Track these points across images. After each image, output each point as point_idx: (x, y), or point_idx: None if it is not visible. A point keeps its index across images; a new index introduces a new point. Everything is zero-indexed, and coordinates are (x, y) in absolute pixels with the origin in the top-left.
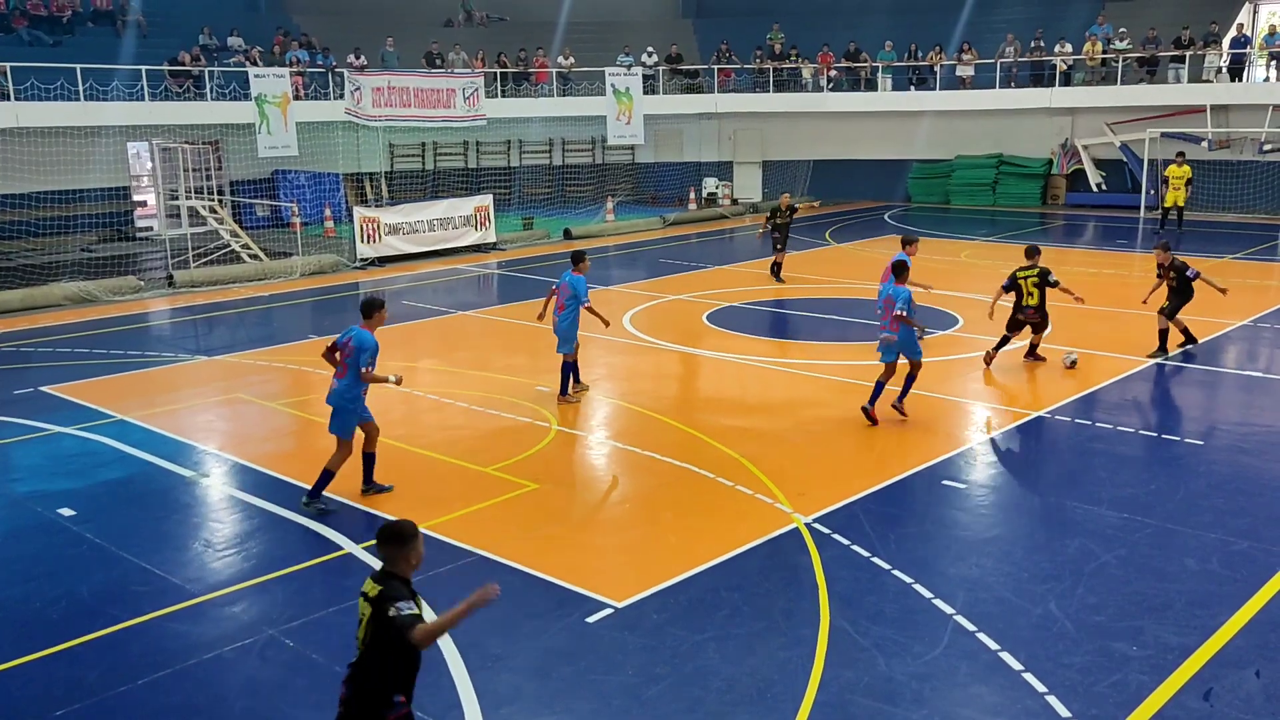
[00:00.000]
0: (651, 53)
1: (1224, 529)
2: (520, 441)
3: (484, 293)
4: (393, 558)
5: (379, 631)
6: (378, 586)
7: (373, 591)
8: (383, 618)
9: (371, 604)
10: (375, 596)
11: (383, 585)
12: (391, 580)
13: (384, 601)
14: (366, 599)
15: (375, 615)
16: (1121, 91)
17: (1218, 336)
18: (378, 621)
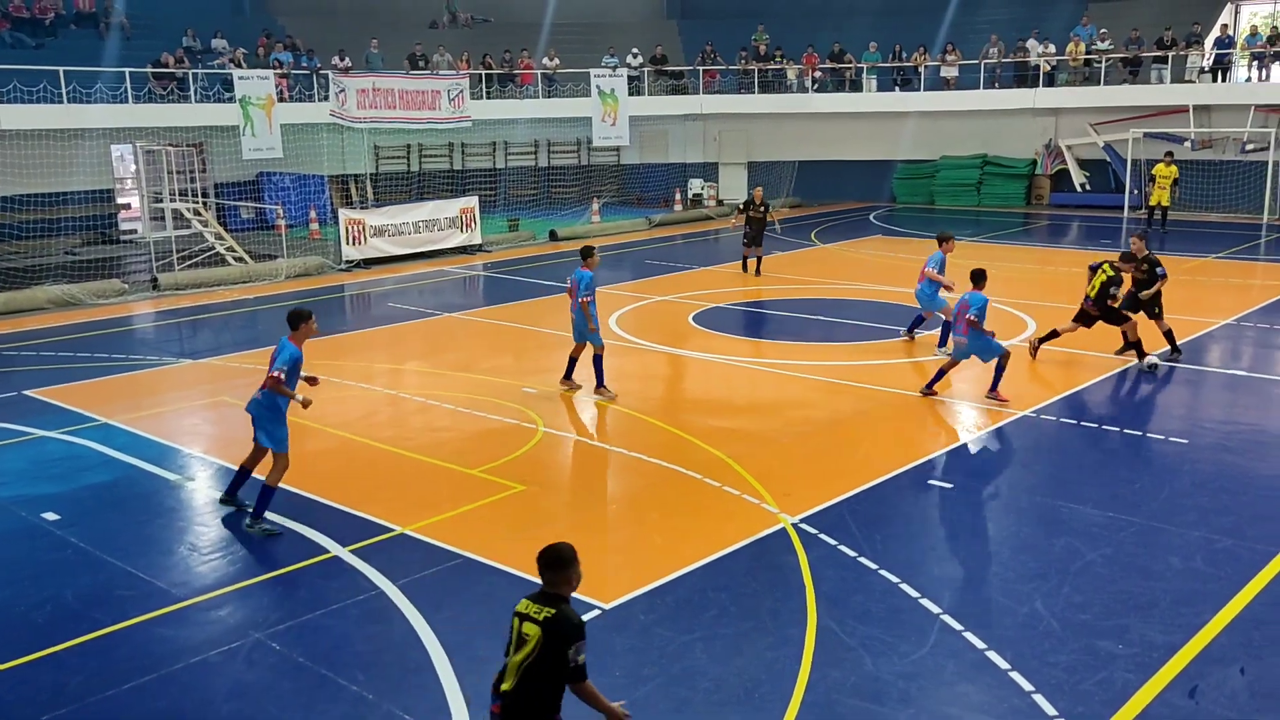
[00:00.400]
0: (636, 54)
1: (1208, 527)
2: (507, 443)
3: (470, 294)
4: (555, 581)
5: (551, 663)
6: (546, 610)
7: (540, 615)
8: (562, 654)
9: (546, 632)
10: (554, 629)
11: (558, 613)
12: (562, 605)
13: (568, 639)
14: (534, 622)
15: (551, 648)
16: (1105, 92)
17: (1201, 335)
18: (553, 654)
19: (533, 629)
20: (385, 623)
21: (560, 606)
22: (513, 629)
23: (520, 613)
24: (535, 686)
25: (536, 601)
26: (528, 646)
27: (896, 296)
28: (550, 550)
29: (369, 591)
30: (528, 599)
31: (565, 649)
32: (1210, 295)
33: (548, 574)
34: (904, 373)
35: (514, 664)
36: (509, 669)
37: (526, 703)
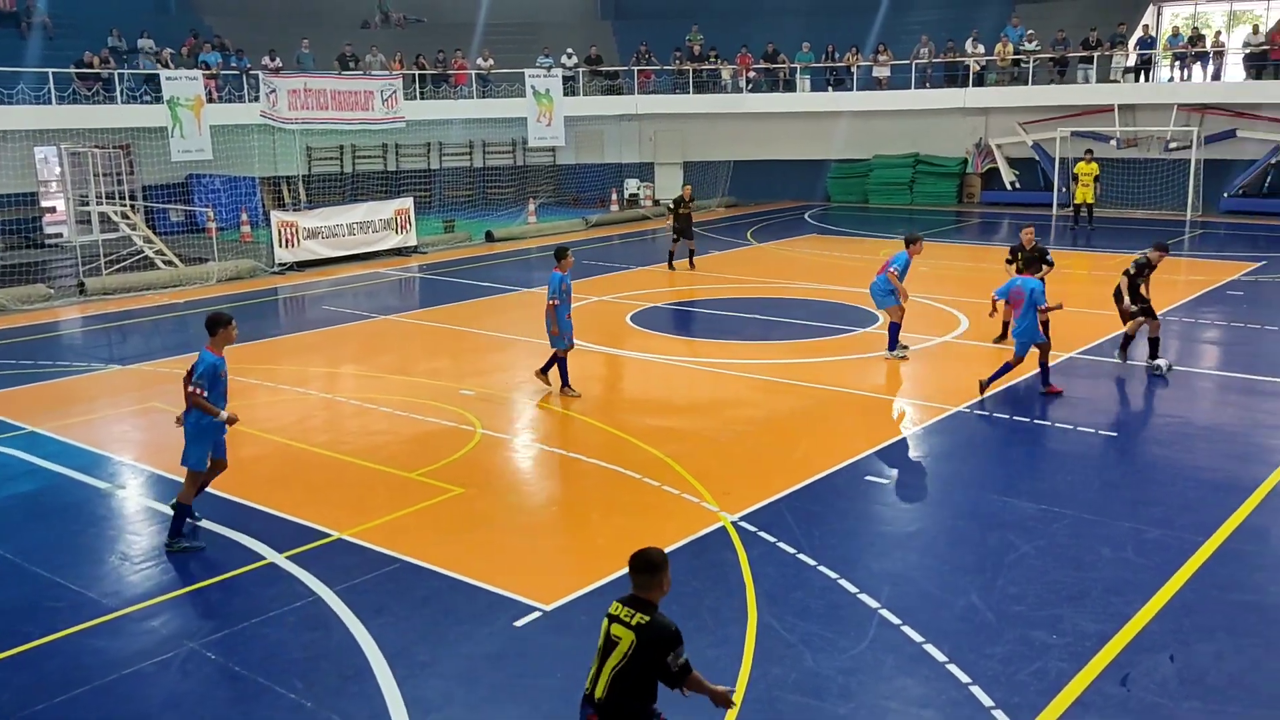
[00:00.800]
0: (571, 54)
1: (1137, 518)
2: (445, 446)
3: (405, 297)
4: (646, 585)
5: (643, 669)
6: (640, 616)
7: (633, 621)
8: (659, 660)
9: (640, 640)
10: (648, 637)
11: (652, 621)
12: (655, 612)
13: (664, 648)
14: (626, 626)
15: (645, 656)
16: (1032, 92)
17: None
18: (647, 661)
19: (624, 633)
20: (323, 629)
21: (653, 614)
22: (602, 630)
23: (612, 615)
24: (626, 689)
25: (628, 605)
26: (618, 650)
27: (833, 295)
28: (642, 555)
29: (306, 598)
30: (620, 601)
31: (663, 658)
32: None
33: (639, 578)
34: (841, 370)
35: (606, 668)
36: (602, 673)
37: (619, 705)
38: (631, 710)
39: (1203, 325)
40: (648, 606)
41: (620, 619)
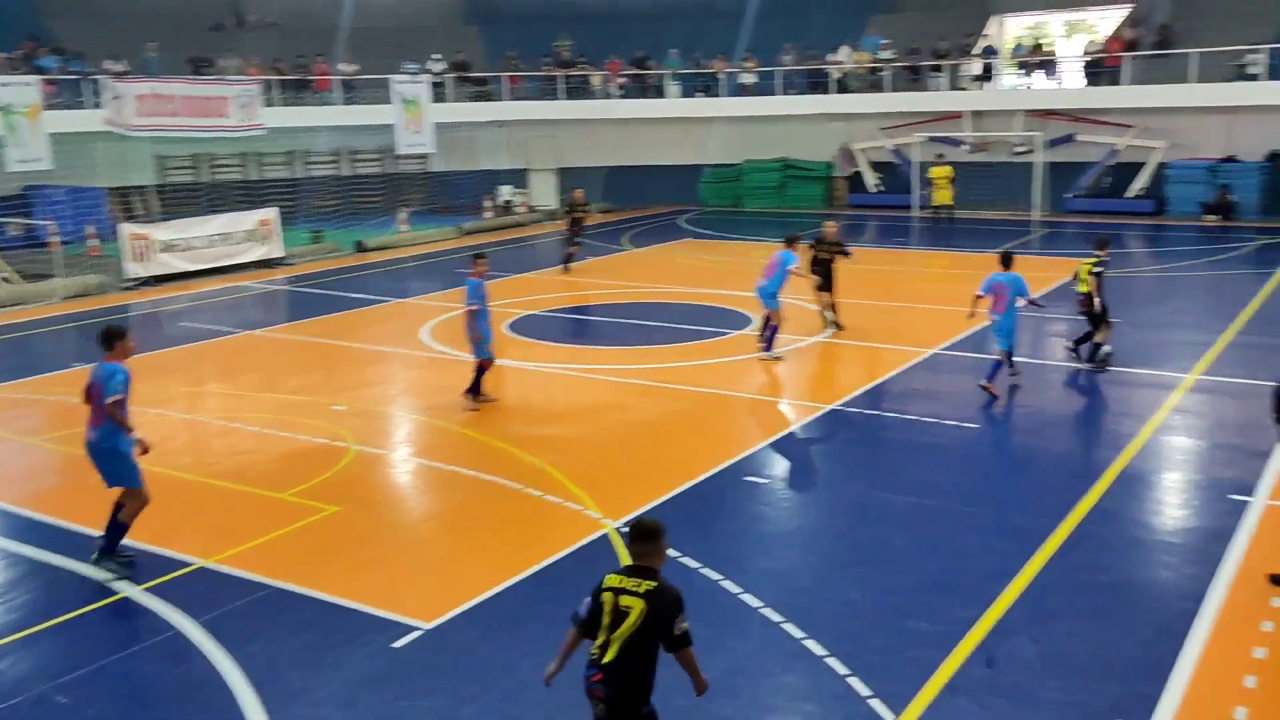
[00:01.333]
0: (438, 59)
1: (999, 506)
2: (317, 464)
3: (272, 310)
4: (649, 553)
5: (652, 633)
6: (646, 584)
7: (641, 589)
8: (666, 624)
9: (649, 605)
10: (657, 601)
11: (659, 586)
12: (658, 576)
13: (671, 610)
14: (635, 595)
15: (654, 619)
16: (890, 98)
17: (985, 326)
18: (656, 624)
19: (635, 602)
20: (186, 663)
21: (659, 580)
22: (605, 604)
23: (614, 588)
24: (637, 655)
25: (631, 576)
26: (630, 618)
27: (709, 298)
28: (641, 524)
29: (166, 632)
30: (617, 574)
31: (670, 619)
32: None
33: (638, 546)
34: (720, 372)
35: (617, 637)
36: (611, 642)
37: (629, 671)
38: (638, 672)
39: (1053, 319)
40: (651, 573)
41: (627, 590)
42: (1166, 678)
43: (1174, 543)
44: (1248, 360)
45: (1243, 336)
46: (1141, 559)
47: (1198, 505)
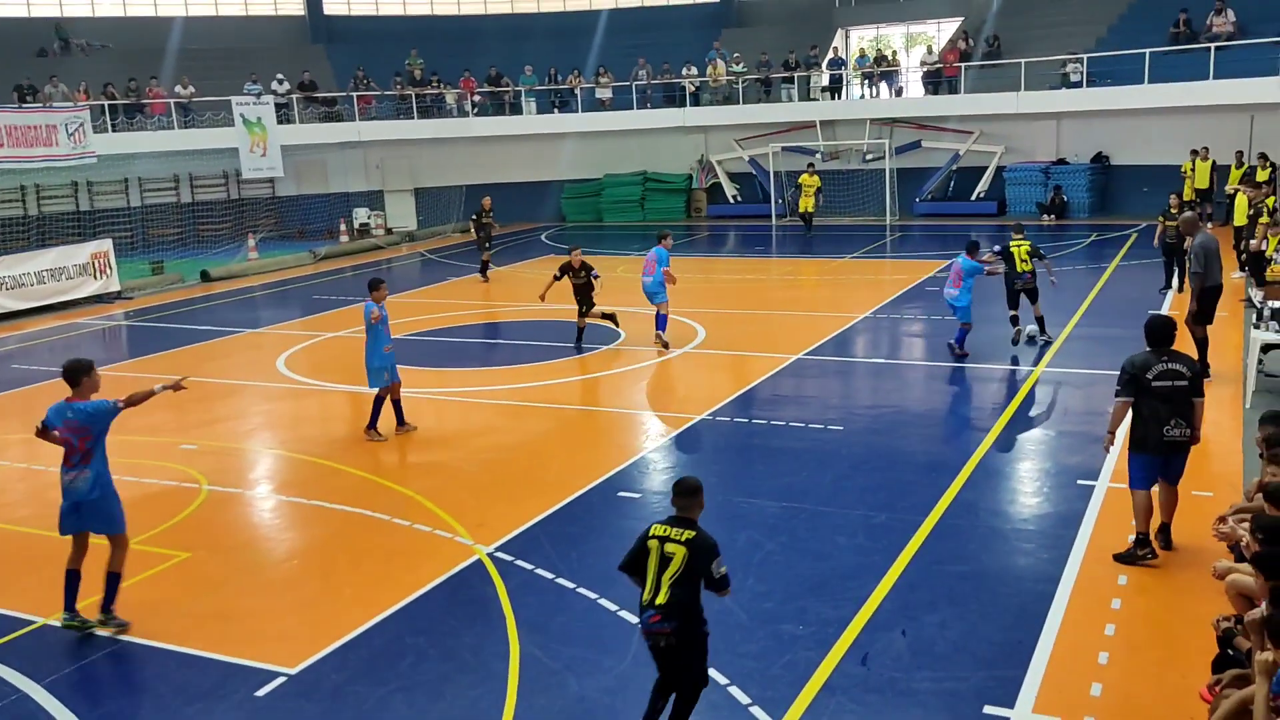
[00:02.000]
0: (282, 80)
1: (866, 505)
2: (166, 507)
3: (111, 347)
4: (688, 506)
5: (698, 571)
6: (687, 533)
7: (682, 538)
8: (705, 568)
9: (690, 551)
10: (697, 548)
11: (698, 535)
12: (696, 527)
13: (709, 556)
14: (677, 543)
15: (695, 563)
16: (743, 110)
17: (845, 330)
18: (697, 568)
19: (677, 548)
20: None
21: (698, 529)
22: (652, 550)
23: (659, 536)
24: (684, 593)
25: (674, 526)
26: (674, 563)
27: (574, 315)
28: (682, 481)
29: (10, 696)
30: (661, 524)
31: (709, 564)
32: (849, 292)
33: (681, 500)
34: (588, 389)
35: (665, 579)
36: (661, 584)
37: (681, 607)
38: (689, 606)
39: (907, 320)
40: (691, 524)
41: (670, 538)
42: (1028, 660)
43: (1029, 529)
44: (1087, 351)
45: (1081, 329)
46: (1000, 547)
47: (1049, 492)
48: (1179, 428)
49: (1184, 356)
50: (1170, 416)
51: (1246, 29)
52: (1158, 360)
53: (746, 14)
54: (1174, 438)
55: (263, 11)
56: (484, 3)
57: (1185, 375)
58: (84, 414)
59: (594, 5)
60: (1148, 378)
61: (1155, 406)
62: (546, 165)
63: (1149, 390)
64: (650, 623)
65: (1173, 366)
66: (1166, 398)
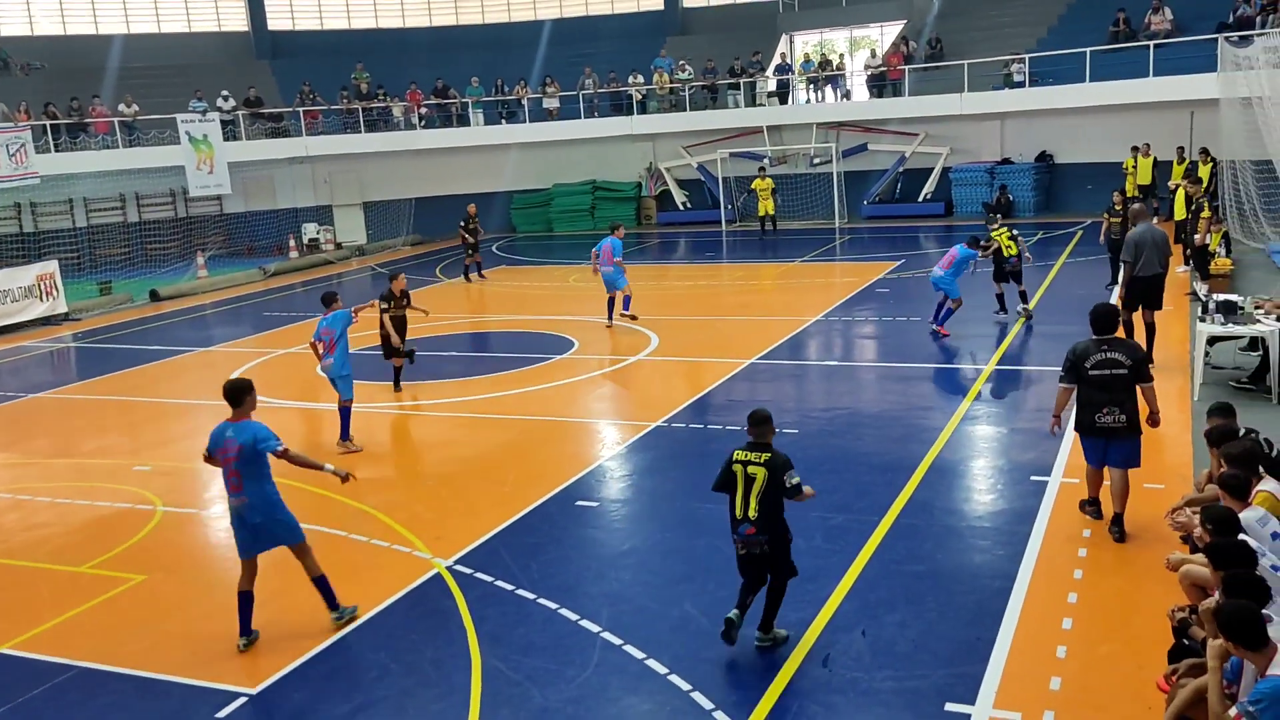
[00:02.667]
0: (228, 96)
1: (822, 507)
2: (120, 531)
3: (60, 370)
4: (763, 432)
5: (775, 488)
6: (764, 455)
7: (761, 459)
8: (782, 480)
9: (769, 470)
10: (774, 466)
11: (773, 455)
12: (771, 449)
13: (783, 470)
14: (758, 465)
15: (774, 479)
16: (691, 117)
17: (799, 333)
18: (776, 483)
19: (759, 469)
20: None
21: (771, 450)
22: (738, 474)
23: (741, 461)
24: (770, 504)
25: (752, 450)
26: (758, 482)
27: (528, 325)
28: (755, 412)
29: None
30: (742, 449)
31: (783, 477)
32: (800, 296)
33: (756, 429)
34: (545, 398)
35: (753, 496)
36: (750, 501)
37: (769, 517)
38: (775, 517)
39: (859, 322)
40: (766, 447)
41: (752, 461)
42: (988, 656)
43: (985, 526)
44: (1037, 348)
45: (1030, 325)
46: (957, 545)
47: (1003, 489)
48: (1112, 414)
49: (1126, 344)
50: (1105, 404)
51: (1184, 27)
52: (1097, 350)
53: (690, 21)
54: (1107, 424)
55: (206, 28)
56: (429, 15)
57: (1124, 364)
58: (253, 433)
59: (538, 15)
60: (1086, 366)
61: (1091, 394)
62: (495, 176)
63: (1085, 378)
64: (746, 535)
65: (1111, 355)
66: (1102, 385)
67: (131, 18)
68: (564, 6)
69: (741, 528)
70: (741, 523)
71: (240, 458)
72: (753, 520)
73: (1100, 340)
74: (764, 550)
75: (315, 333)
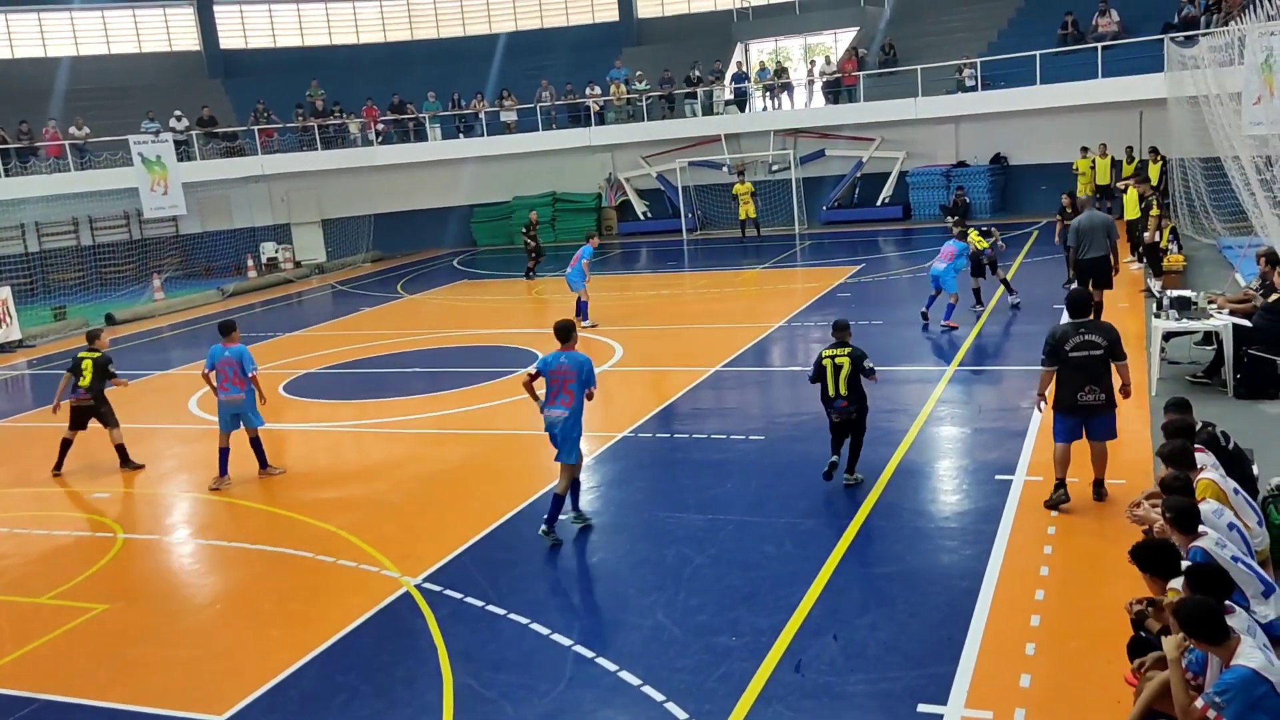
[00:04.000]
0: (180, 116)
1: (791, 512)
2: (80, 559)
3: (15, 398)
4: (842, 334)
5: (860, 370)
6: (847, 349)
7: (846, 352)
8: (862, 364)
9: (852, 360)
10: (856, 357)
11: (853, 349)
12: (850, 344)
13: (863, 358)
14: (845, 356)
15: (857, 366)
16: (649, 127)
17: (762, 339)
18: (858, 366)
19: (844, 360)
20: None
21: (851, 346)
22: (828, 366)
23: (830, 356)
24: (854, 385)
25: (836, 348)
26: (845, 369)
27: (491, 339)
28: (838, 320)
29: None
30: (828, 349)
31: (862, 362)
32: (762, 302)
33: (839, 334)
34: (508, 412)
35: (841, 380)
36: (840, 384)
37: (855, 394)
38: (858, 391)
39: (822, 326)
40: (846, 344)
41: (838, 355)
42: (958, 656)
43: (952, 527)
44: (997, 348)
45: (990, 326)
46: (924, 546)
47: (968, 489)
48: (1093, 393)
49: (1102, 326)
50: (1085, 383)
51: (1131, 28)
52: (1075, 333)
53: (646, 32)
54: (1088, 402)
55: (157, 48)
56: (383, 30)
57: (1100, 344)
58: (575, 362)
59: (493, 29)
60: (1065, 348)
61: (1071, 374)
62: (454, 190)
63: (1065, 360)
64: (841, 408)
65: (1089, 337)
66: (1081, 366)
67: (80, 40)
68: (519, 19)
69: (836, 403)
70: (836, 400)
71: (576, 380)
72: (845, 396)
73: (1077, 324)
74: (853, 417)
75: (210, 362)
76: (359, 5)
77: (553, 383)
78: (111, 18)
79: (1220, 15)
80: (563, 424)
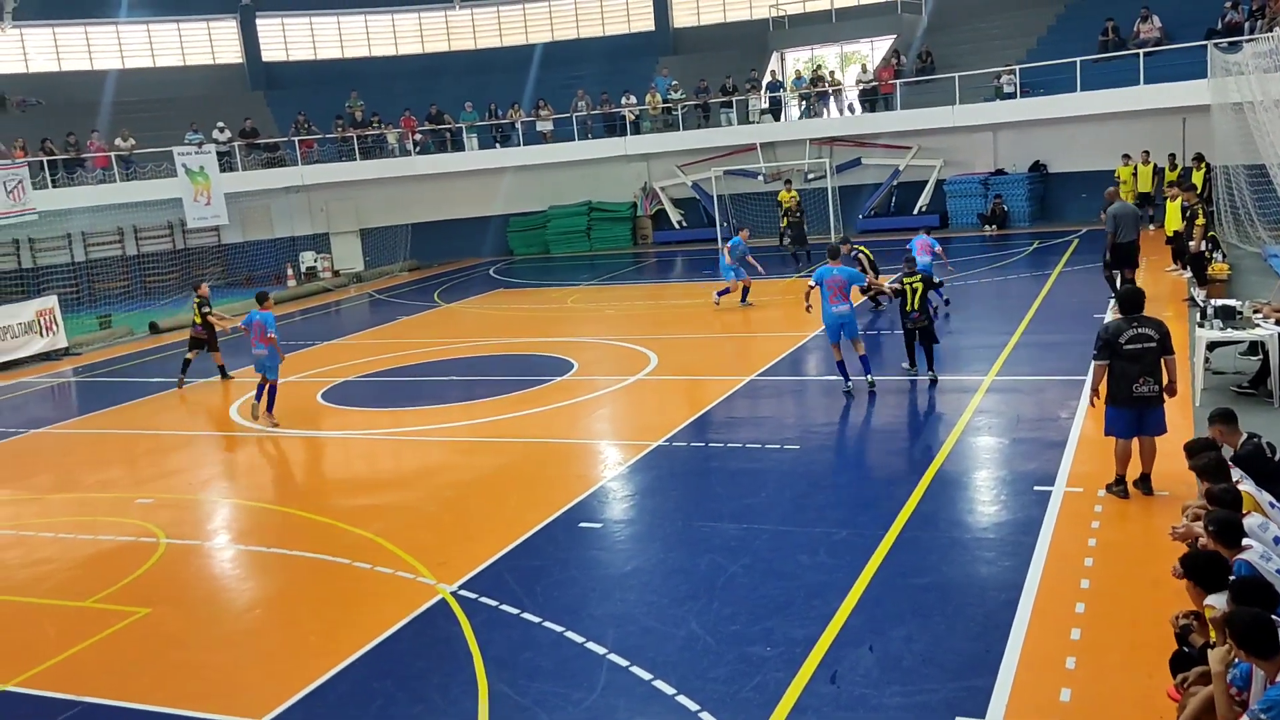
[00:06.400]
0: (223, 128)
1: (826, 522)
2: (123, 564)
3: (61, 405)
4: (913, 267)
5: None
6: (915, 276)
7: (915, 280)
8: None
9: (924, 283)
10: (925, 279)
11: (922, 275)
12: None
13: (930, 284)
14: (918, 281)
15: (927, 285)
16: (685, 136)
17: (797, 349)
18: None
19: (918, 284)
20: None
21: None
22: (907, 289)
23: (908, 280)
24: (923, 301)
25: (907, 276)
26: (919, 290)
27: (527, 347)
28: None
29: None
30: (905, 276)
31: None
32: (798, 312)
33: (909, 265)
34: (543, 421)
35: (916, 298)
36: (915, 300)
37: (924, 306)
38: (926, 306)
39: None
40: (915, 273)
41: (913, 281)
42: (997, 668)
43: (989, 538)
44: (1036, 358)
45: (1029, 335)
46: (961, 557)
47: (1006, 499)
48: (1147, 384)
49: (1154, 321)
50: (1139, 375)
51: (1173, 34)
52: (1129, 326)
53: (682, 41)
54: (1143, 394)
55: (200, 61)
56: (421, 42)
57: (1154, 338)
58: (845, 273)
59: (529, 39)
60: (1120, 342)
61: (1125, 367)
62: (491, 200)
63: (1120, 353)
64: (914, 319)
65: (1142, 331)
66: (1135, 358)
67: (126, 53)
68: (555, 29)
69: (911, 314)
70: (910, 312)
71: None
72: (917, 309)
73: (1130, 318)
74: (923, 325)
75: (246, 320)
76: (397, 17)
77: (830, 288)
78: (156, 31)
79: (1265, 21)
80: (849, 314)
